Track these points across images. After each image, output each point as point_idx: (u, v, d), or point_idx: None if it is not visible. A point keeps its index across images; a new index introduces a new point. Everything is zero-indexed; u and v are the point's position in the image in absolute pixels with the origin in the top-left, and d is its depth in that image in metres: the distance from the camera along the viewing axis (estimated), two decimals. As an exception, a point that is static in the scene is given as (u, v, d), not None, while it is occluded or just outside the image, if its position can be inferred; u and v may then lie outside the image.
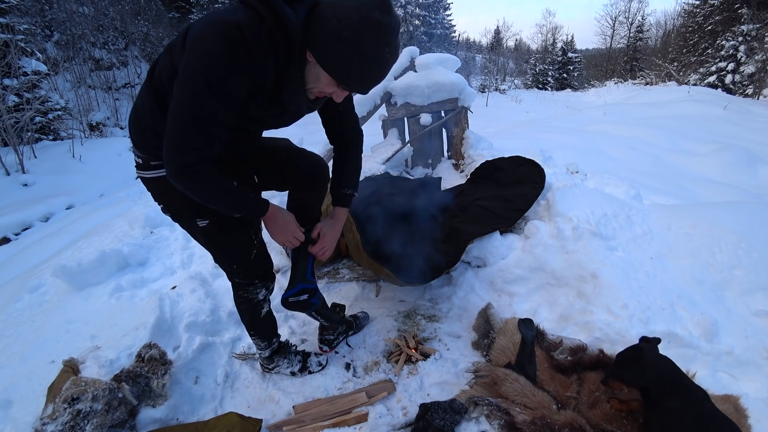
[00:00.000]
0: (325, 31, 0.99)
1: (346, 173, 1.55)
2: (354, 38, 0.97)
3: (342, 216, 1.57)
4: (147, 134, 1.20)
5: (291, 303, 1.61)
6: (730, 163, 5.50)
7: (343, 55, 1.01)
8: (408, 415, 1.56)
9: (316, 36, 1.02)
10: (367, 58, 1.01)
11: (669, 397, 1.18)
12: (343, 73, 1.06)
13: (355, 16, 0.95)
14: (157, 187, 1.28)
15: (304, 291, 1.60)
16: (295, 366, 1.77)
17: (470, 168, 3.15)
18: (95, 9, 13.79)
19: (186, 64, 1.01)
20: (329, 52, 1.02)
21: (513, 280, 2.14)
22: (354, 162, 1.56)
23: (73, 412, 1.35)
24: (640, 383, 1.24)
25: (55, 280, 2.31)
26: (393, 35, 1.01)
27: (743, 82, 18.01)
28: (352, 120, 1.50)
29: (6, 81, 7.37)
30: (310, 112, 1.33)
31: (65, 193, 6.42)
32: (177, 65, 1.05)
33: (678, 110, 9.78)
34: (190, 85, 1.00)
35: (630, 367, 1.27)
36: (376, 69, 1.05)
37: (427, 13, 24.72)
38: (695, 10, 23.66)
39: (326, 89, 1.13)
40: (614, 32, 32.78)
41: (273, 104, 1.16)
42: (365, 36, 0.97)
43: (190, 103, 1.01)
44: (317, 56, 1.05)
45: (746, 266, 1.93)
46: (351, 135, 1.52)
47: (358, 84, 1.09)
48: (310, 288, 1.61)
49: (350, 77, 1.07)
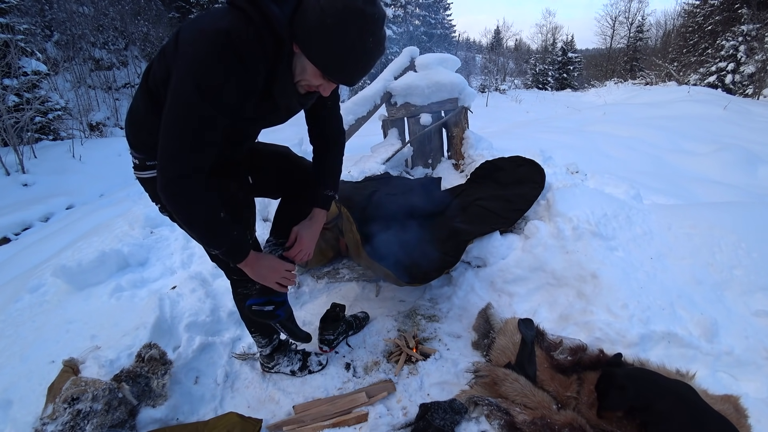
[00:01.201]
0: (309, 20, 1.00)
1: (327, 174, 1.50)
2: (337, 25, 0.98)
3: (321, 218, 1.51)
4: (143, 135, 1.20)
5: (254, 311, 1.51)
6: (730, 163, 5.51)
7: (326, 43, 1.01)
8: (408, 415, 1.56)
9: (301, 25, 1.02)
10: (350, 46, 1.01)
11: (657, 401, 1.20)
12: (327, 62, 1.05)
13: (339, 4, 0.96)
14: (154, 187, 1.28)
15: (270, 303, 1.52)
16: (295, 365, 1.77)
17: (470, 168, 3.14)
18: (95, 9, 13.79)
19: (177, 73, 1.01)
20: (313, 41, 1.02)
21: (513, 280, 2.14)
22: (336, 163, 1.53)
23: (73, 412, 1.35)
24: (626, 404, 1.25)
25: (55, 280, 2.31)
26: (377, 25, 1.01)
27: (743, 82, 18.02)
28: (337, 119, 1.48)
29: (6, 81, 7.37)
30: (302, 107, 1.32)
31: (65, 193, 6.42)
32: (170, 67, 1.06)
33: (678, 110, 9.79)
34: (183, 93, 1.00)
35: (610, 395, 1.29)
36: (360, 59, 1.04)
37: (427, 13, 24.71)
38: (695, 10, 23.67)
39: (313, 81, 1.12)
40: (614, 32, 32.80)
41: (264, 101, 1.16)
42: (348, 24, 0.97)
43: (183, 111, 1.02)
44: (301, 46, 1.05)
45: (746, 266, 1.93)
46: (334, 134, 1.49)
47: (342, 74, 1.08)
48: (277, 300, 1.53)
49: (334, 66, 1.06)
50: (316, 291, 2.39)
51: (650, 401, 1.20)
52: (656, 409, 1.18)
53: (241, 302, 1.59)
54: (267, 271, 1.35)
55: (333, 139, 1.50)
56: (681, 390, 1.21)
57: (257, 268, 1.33)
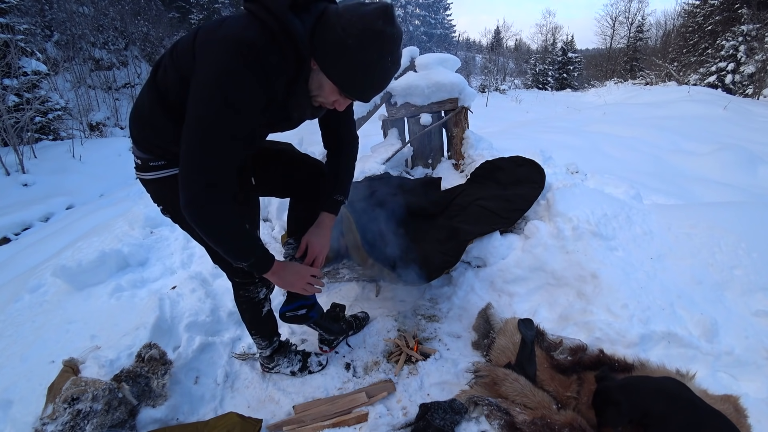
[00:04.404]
0: (330, 40, 1.02)
1: (339, 179, 1.50)
2: (357, 46, 1.00)
3: (329, 222, 1.52)
4: (147, 132, 1.19)
5: (289, 317, 1.61)
6: (730, 163, 5.51)
7: (346, 62, 1.03)
8: (408, 415, 1.56)
9: (321, 44, 1.04)
10: (369, 66, 1.04)
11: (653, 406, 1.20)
12: (346, 81, 1.08)
13: (359, 25, 0.98)
14: (156, 188, 1.28)
15: (302, 307, 1.60)
16: (295, 365, 1.77)
17: (470, 168, 3.14)
18: (95, 9, 13.80)
19: (201, 81, 1.00)
20: (333, 60, 1.04)
21: (513, 280, 2.14)
22: (348, 168, 1.53)
23: (73, 412, 1.35)
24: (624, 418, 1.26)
25: (55, 280, 2.31)
26: (395, 45, 1.03)
27: (743, 82, 18.02)
28: (350, 124, 1.49)
29: (6, 81, 7.38)
30: (313, 118, 1.33)
31: (65, 193, 6.43)
32: (180, 69, 1.05)
33: (678, 110, 9.79)
34: (209, 104, 0.99)
35: (607, 414, 1.29)
36: (378, 78, 1.08)
37: (427, 13, 24.74)
38: (695, 10, 23.68)
39: (329, 98, 1.14)
40: (614, 32, 32.80)
41: (279, 111, 1.16)
42: (368, 45, 1.00)
43: (208, 123, 1.01)
44: (321, 64, 1.07)
45: (746, 266, 1.93)
46: (347, 139, 1.50)
47: (360, 92, 1.11)
48: (308, 303, 1.61)
49: (352, 85, 1.09)
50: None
51: (646, 408, 1.21)
52: (654, 413, 1.19)
53: (242, 304, 1.60)
54: (294, 278, 1.37)
55: (346, 143, 1.50)
56: (671, 388, 1.22)
57: (284, 275, 1.34)
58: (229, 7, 18.93)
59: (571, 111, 13.50)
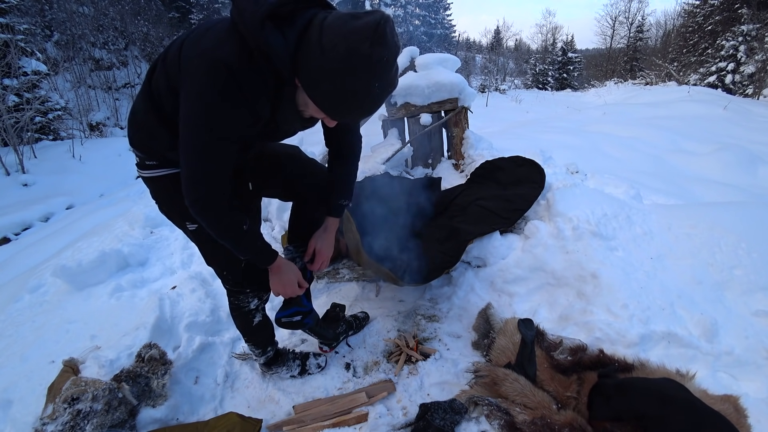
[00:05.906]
0: (310, 61, 0.92)
1: (343, 183, 1.48)
2: (338, 72, 0.89)
3: (333, 226, 1.53)
4: (141, 134, 1.21)
5: (284, 323, 1.61)
6: (730, 163, 5.51)
7: (327, 87, 0.93)
8: (408, 415, 1.56)
9: (303, 63, 0.94)
10: (354, 94, 0.93)
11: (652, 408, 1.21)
12: (328, 107, 0.99)
13: (341, 47, 0.87)
14: (152, 186, 1.30)
15: (297, 313, 1.60)
16: (294, 371, 1.77)
17: (470, 168, 3.14)
18: (95, 9, 13.81)
19: (185, 99, 1.01)
20: (313, 82, 0.95)
21: (513, 280, 2.14)
22: (352, 171, 1.51)
23: (73, 412, 1.35)
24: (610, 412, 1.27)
25: (55, 280, 2.31)
26: (385, 69, 0.91)
27: (743, 82, 18.01)
28: (355, 128, 1.47)
29: (6, 81, 7.38)
30: (304, 129, 1.29)
31: (65, 193, 6.43)
32: (170, 78, 1.06)
33: (678, 110, 9.79)
34: (193, 124, 1.01)
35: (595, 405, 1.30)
36: (365, 104, 0.97)
37: (427, 13, 24.73)
38: (695, 10, 23.68)
39: (316, 115, 1.10)
40: (614, 32, 32.80)
41: (268, 124, 1.16)
42: (351, 71, 0.88)
43: (196, 140, 1.03)
44: (303, 84, 0.98)
45: (746, 266, 1.93)
46: (350, 142, 1.46)
47: (344, 116, 1.02)
48: (304, 310, 1.61)
49: (335, 110, 1.00)
50: (316, 291, 2.38)
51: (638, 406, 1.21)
52: (653, 415, 1.19)
53: (233, 311, 1.60)
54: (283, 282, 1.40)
55: (348, 147, 1.47)
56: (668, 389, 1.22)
57: (279, 275, 1.38)
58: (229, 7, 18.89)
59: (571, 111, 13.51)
